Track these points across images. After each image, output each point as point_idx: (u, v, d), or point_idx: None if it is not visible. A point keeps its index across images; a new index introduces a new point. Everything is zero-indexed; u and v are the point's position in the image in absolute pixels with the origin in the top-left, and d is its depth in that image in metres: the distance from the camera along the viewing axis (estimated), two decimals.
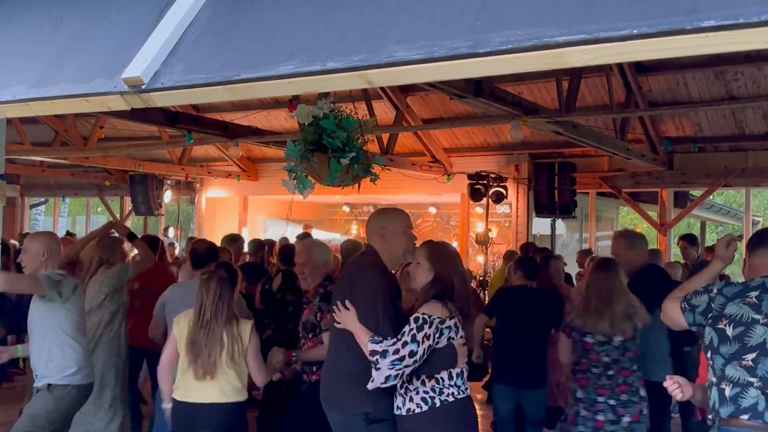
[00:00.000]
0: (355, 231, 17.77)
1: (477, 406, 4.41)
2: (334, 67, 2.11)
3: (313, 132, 3.28)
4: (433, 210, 17.00)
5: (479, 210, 12.54)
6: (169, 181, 14.55)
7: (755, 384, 2.91)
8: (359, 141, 3.40)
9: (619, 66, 9.01)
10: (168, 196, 14.65)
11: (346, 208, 18.26)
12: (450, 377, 3.43)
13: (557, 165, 11.17)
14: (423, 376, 3.41)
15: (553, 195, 11.11)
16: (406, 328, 3.32)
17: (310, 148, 3.28)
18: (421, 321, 3.34)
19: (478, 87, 6.57)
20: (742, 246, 3.86)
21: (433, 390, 3.40)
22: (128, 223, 17.11)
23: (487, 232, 11.77)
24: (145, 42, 2.50)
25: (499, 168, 11.81)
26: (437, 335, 3.35)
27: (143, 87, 2.37)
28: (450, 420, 3.42)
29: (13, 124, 11.57)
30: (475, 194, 11.29)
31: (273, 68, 2.21)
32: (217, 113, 11.78)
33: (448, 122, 11.16)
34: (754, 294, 3.01)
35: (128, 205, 15.77)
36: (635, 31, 1.73)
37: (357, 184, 3.53)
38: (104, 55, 2.64)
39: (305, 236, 10.25)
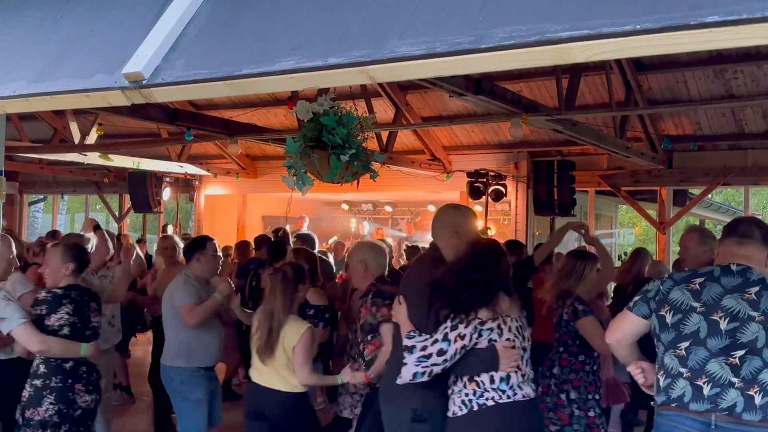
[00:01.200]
0: (354, 228, 17.80)
1: None
2: (336, 62, 2.10)
3: (313, 128, 3.27)
4: (432, 208, 16.98)
5: (478, 208, 12.54)
6: (167, 179, 14.55)
7: (684, 375, 2.96)
8: (359, 138, 3.39)
9: (619, 64, 9.01)
10: (167, 193, 14.64)
11: (345, 206, 18.26)
12: (492, 381, 3.31)
13: (556, 163, 11.18)
14: (465, 378, 3.34)
15: (552, 193, 11.11)
16: (441, 326, 3.28)
17: (310, 144, 3.27)
18: (457, 320, 3.27)
19: (477, 85, 6.56)
20: None
21: (474, 393, 3.32)
22: (127, 221, 17.13)
23: (486, 230, 11.76)
24: (146, 37, 2.50)
25: (498, 166, 11.81)
26: (475, 335, 3.26)
27: (144, 82, 2.37)
28: (489, 424, 3.30)
29: (11, 121, 11.57)
30: (475, 192, 11.29)
31: (274, 63, 2.20)
32: (216, 110, 11.76)
33: (447, 120, 11.16)
34: (698, 280, 3.03)
35: (127, 202, 15.76)
36: (638, 27, 1.73)
37: (356, 181, 3.53)
38: (105, 51, 2.64)
39: (279, 230, 10.13)
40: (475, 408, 3.28)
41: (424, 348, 3.23)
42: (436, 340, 3.24)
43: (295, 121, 9.79)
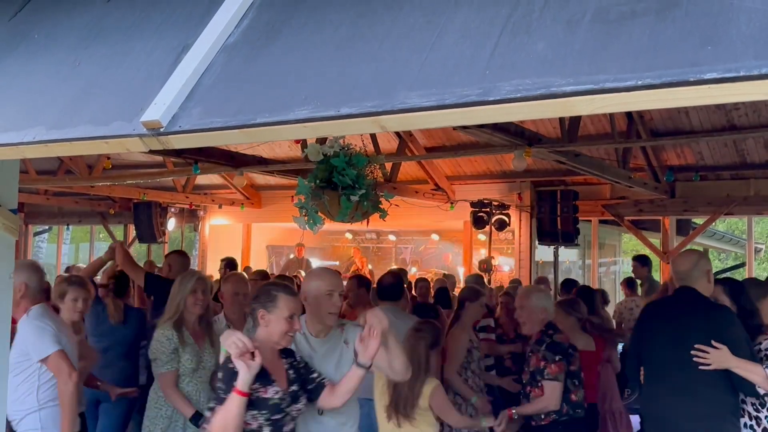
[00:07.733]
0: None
1: None
2: (348, 112, 2.17)
3: (323, 170, 3.35)
4: (435, 237, 17.06)
5: (482, 237, 12.59)
6: (172, 209, 14.63)
7: None
8: (368, 178, 3.46)
9: None
10: (172, 223, 14.70)
11: (348, 235, 18.33)
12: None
13: (560, 193, 11.25)
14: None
15: (555, 222, 11.17)
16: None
17: (320, 185, 3.34)
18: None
19: None
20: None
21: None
22: (131, 251, 17.17)
23: (489, 259, 11.81)
24: (163, 86, 2.57)
25: (501, 196, 11.89)
26: None
27: (162, 130, 2.43)
28: None
29: None
30: (478, 222, 11.36)
31: (289, 113, 2.26)
32: None
33: (450, 151, 11.24)
34: None
35: (132, 232, 15.83)
36: (640, 83, 1.79)
37: (366, 220, 3.59)
38: (122, 98, 2.70)
39: (229, 263, 9.84)
40: None
41: None
42: None
43: (300, 152, 9.87)
